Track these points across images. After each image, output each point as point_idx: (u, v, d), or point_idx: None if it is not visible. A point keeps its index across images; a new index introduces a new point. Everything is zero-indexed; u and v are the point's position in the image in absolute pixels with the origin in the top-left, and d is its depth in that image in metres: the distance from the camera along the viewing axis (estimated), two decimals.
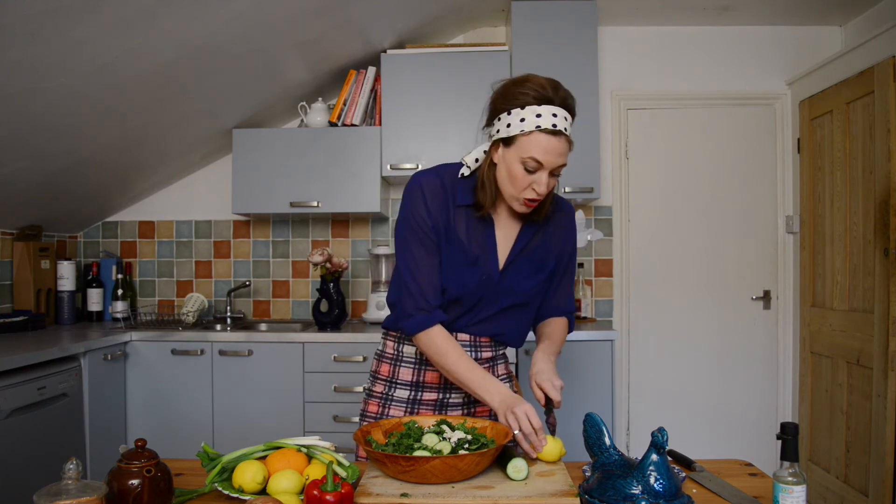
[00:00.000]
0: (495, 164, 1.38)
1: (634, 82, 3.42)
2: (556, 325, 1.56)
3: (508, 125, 1.31)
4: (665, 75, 3.41)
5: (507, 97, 1.32)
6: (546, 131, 1.28)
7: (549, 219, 1.51)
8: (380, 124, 3.13)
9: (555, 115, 1.28)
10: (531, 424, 1.27)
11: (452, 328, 1.48)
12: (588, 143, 3.03)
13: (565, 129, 1.30)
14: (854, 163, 2.82)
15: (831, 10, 3.18)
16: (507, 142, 1.33)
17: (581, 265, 3.38)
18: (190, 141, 3.18)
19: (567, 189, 3.03)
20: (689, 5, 3.16)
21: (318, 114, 3.20)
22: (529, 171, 1.32)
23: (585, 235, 3.41)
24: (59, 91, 2.22)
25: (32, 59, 1.98)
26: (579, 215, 3.40)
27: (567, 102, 1.32)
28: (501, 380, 1.57)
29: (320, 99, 3.25)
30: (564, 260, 1.56)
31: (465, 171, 1.44)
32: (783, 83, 3.39)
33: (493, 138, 1.37)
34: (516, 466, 1.19)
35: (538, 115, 1.28)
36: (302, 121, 3.31)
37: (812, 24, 3.34)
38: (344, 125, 3.15)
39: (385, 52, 3.12)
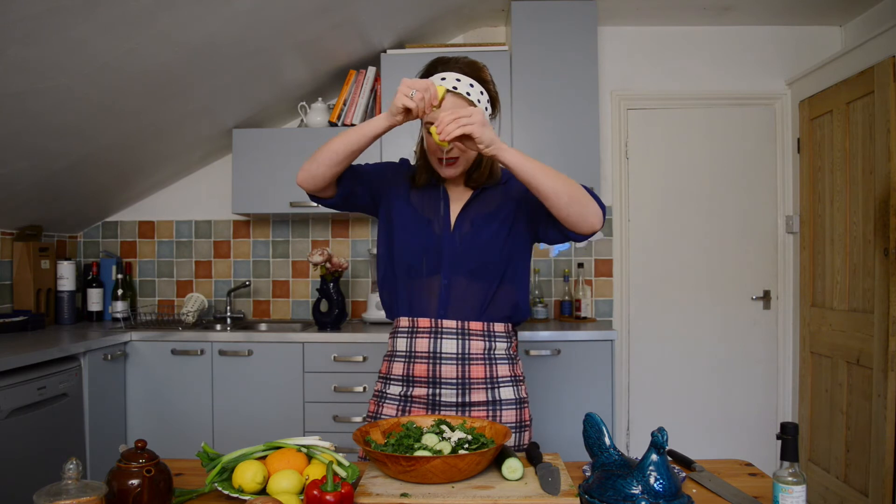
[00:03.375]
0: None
1: (634, 82, 3.42)
2: None
3: None
4: (665, 75, 3.41)
5: None
6: None
7: (505, 184, 1.58)
8: None
9: (443, 79, 1.45)
10: (415, 89, 1.32)
11: (436, 314, 1.50)
12: (588, 143, 3.03)
13: (454, 88, 1.44)
14: (854, 163, 2.82)
15: (831, 10, 3.18)
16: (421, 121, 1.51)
17: (581, 265, 3.38)
18: (190, 141, 3.17)
19: None
20: (689, 5, 3.16)
21: (318, 114, 3.20)
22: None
23: None
24: (59, 91, 2.22)
25: (32, 59, 1.98)
26: None
27: (459, 67, 1.46)
28: (503, 382, 1.52)
29: (320, 99, 3.25)
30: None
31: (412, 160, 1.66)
32: (783, 83, 3.39)
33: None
34: (511, 466, 1.18)
35: None
36: (302, 121, 3.31)
37: (812, 24, 3.34)
38: (344, 125, 3.15)
39: (385, 52, 3.12)
